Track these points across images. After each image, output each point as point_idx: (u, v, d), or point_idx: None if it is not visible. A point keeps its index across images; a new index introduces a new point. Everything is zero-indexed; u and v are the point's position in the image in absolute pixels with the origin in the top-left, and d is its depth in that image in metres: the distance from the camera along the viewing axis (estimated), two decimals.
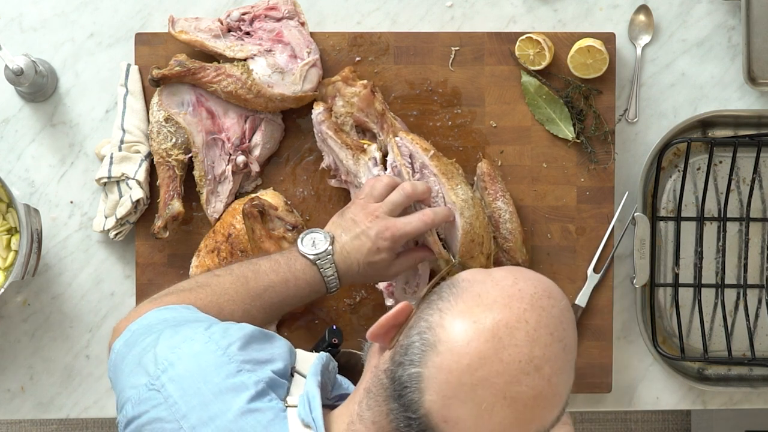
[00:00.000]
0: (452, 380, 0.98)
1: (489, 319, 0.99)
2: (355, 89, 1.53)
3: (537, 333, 0.99)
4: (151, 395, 1.11)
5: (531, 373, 0.98)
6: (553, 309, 1.02)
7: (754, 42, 1.60)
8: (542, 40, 1.56)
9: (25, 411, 1.62)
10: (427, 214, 1.39)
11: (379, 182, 1.42)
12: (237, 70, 1.52)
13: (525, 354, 0.98)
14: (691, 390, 1.63)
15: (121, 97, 1.59)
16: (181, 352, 1.12)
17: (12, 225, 1.54)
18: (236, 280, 1.34)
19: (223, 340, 1.13)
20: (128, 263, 1.62)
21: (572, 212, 1.60)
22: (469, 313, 1.00)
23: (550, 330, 1.00)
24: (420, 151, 1.49)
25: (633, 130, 1.63)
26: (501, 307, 1.00)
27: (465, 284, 1.04)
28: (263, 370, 1.11)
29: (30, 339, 1.62)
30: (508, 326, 0.99)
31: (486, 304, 1.01)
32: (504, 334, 0.98)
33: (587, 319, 1.60)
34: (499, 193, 1.55)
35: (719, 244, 1.63)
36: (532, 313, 1.00)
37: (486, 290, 1.02)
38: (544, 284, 1.05)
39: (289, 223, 1.53)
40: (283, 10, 1.57)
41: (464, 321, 1.00)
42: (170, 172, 1.54)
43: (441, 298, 1.04)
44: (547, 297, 1.03)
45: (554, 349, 1.00)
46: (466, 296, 1.02)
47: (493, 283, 1.03)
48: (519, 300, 1.01)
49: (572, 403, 1.63)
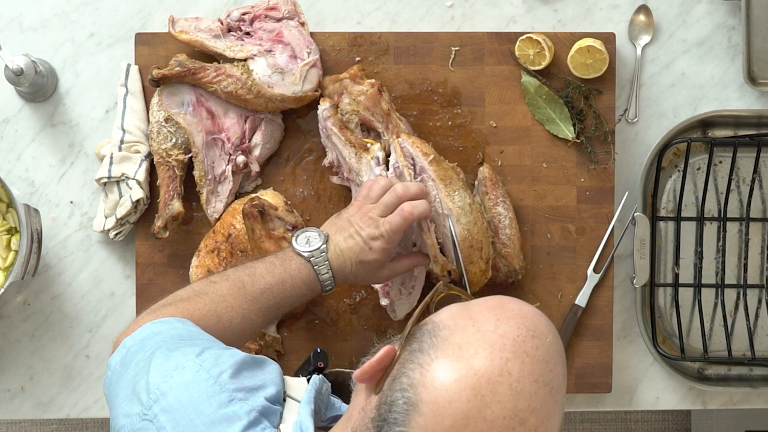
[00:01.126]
0: None
1: (470, 375, 0.97)
2: (362, 87, 1.53)
3: (521, 384, 0.97)
4: (144, 425, 1.11)
5: (516, 428, 0.97)
6: (538, 351, 1.00)
7: (754, 42, 1.60)
8: (542, 40, 1.56)
9: (25, 411, 1.62)
10: (404, 208, 1.38)
11: (376, 184, 1.42)
12: (237, 70, 1.52)
13: (509, 409, 0.97)
14: (691, 390, 1.63)
15: (121, 97, 1.59)
16: (172, 381, 1.12)
17: (12, 225, 1.54)
18: (233, 285, 1.34)
19: (215, 368, 1.13)
20: (128, 263, 1.62)
21: (572, 212, 1.60)
22: (449, 369, 0.98)
23: (535, 377, 0.99)
24: (420, 155, 1.49)
25: (633, 130, 1.63)
26: (482, 360, 0.98)
27: (445, 333, 1.02)
28: (255, 398, 1.11)
29: (30, 339, 1.62)
30: (490, 381, 0.97)
31: (466, 357, 0.98)
32: (486, 391, 0.96)
33: (587, 319, 1.60)
34: (500, 198, 1.55)
35: (719, 244, 1.63)
36: (515, 362, 0.98)
37: (467, 340, 1.00)
38: (528, 322, 1.02)
39: (289, 223, 1.53)
40: (283, 10, 1.57)
41: (445, 379, 0.98)
42: (170, 172, 1.54)
43: (422, 350, 1.01)
44: (531, 338, 1.00)
45: (539, 396, 0.98)
46: (446, 348, 1.00)
47: (474, 328, 1.01)
48: (500, 349, 0.99)
49: (572, 403, 1.63)
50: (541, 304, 1.59)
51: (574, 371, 1.60)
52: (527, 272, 1.59)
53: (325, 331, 1.58)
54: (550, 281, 1.60)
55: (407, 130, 1.54)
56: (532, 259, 1.59)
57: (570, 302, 1.59)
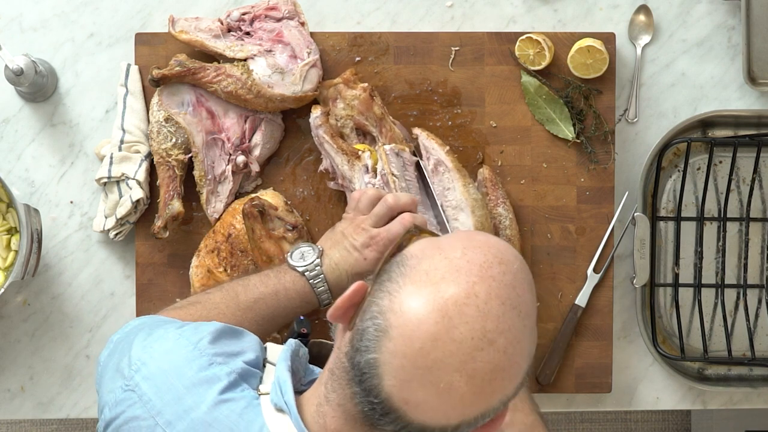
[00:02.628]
0: (407, 365, 0.98)
1: (437, 299, 0.98)
2: (356, 92, 1.53)
3: (488, 306, 0.99)
4: (126, 396, 1.13)
5: (485, 348, 0.98)
6: (505, 276, 1.01)
7: (754, 42, 1.60)
8: (542, 40, 1.56)
9: (25, 411, 1.62)
10: (405, 218, 1.39)
11: (363, 196, 1.43)
12: (237, 70, 1.52)
13: (477, 330, 0.98)
14: (691, 390, 1.63)
15: (121, 97, 1.59)
16: (153, 351, 1.14)
17: (12, 225, 1.54)
18: (226, 294, 1.37)
19: (194, 336, 1.15)
20: (128, 263, 1.62)
21: (572, 212, 1.60)
22: (417, 294, 1.00)
23: (502, 300, 1.00)
24: (437, 147, 1.51)
25: (633, 130, 1.63)
26: (449, 284, 0.99)
27: (413, 261, 1.03)
28: (235, 362, 1.13)
29: (30, 339, 1.62)
30: (458, 303, 0.98)
31: (433, 282, 1.00)
32: (454, 313, 0.98)
33: (587, 319, 1.60)
34: (500, 199, 1.55)
35: (719, 244, 1.63)
36: (482, 285, 0.99)
37: (434, 266, 1.01)
38: (495, 249, 1.04)
39: (289, 223, 1.53)
40: (283, 10, 1.57)
41: (413, 303, 0.99)
42: (170, 172, 1.54)
43: (390, 278, 1.03)
44: (498, 264, 1.02)
45: (508, 318, 0.99)
46: (414, 275, 1.01)
47: (441, 256, 1.02)
48: (467, 273, 1.00)
49: (572, 403, 1.63)
50: (541, 304, 1.59)
51: (574, 371, 1.60)
52: None
53: (325, 331, 1.58)
54: (550, 281, 1.60)
55: (401, 135, 1.54)
56: (532, 259, 1.59)
57: (570, 302, 1.59)
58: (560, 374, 1.60)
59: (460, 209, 1.49)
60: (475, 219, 1.48)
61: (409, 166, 1.52)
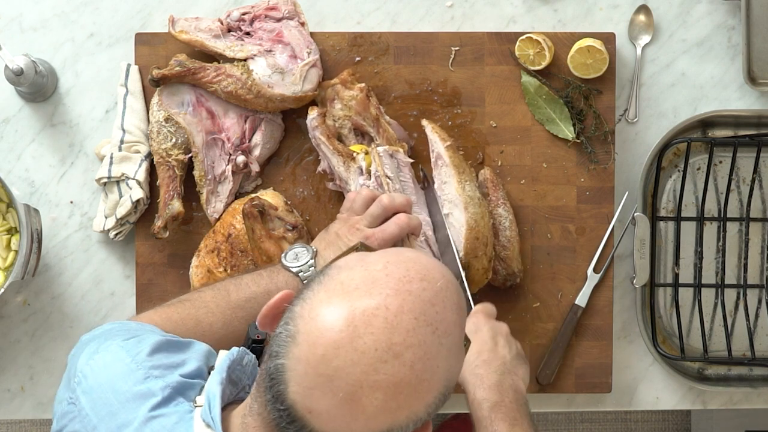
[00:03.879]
0: (310, 371, 0.97)
1: (346, 308, 0.97)
2: (353, 92, 1.53)
3: (398, 319, 0.97)
4: (69, 409, 1.13)
5: (389, 360, 0.96)
6: (424, 292, 0.99)
7: (754, 42, 1.60)
8: (542, 40, 1.56)
9: (25, 411, 1.62)
10: (401, 218, 1.39)
11: (358, 196, 1.43)
12: (237, 70, 1.53)
13: (382, 341, 0.96)
14: (691, 390, 1.63)
15: (121, 97, 1.59)
16: (94, 364, 1.14)
17: (12, 225, 1.54)
18: (217, 293, 1.36)
19: (135, 349, 1.14)
20: (128, 263, 1.62)
21: (572, 212, 1.60)
22: (327, 302, 0.98)
23: (415, 315, 0.97)
24: (438, 140, 1.51)
25: (633, 130, 1.63)
26: (361, 294, 0.98)
27: (334, 271, 1.02)
28: (172, 375, 1.12)
29: (30, 339, 1.62)
30: (366, 313, 0.96)
31: (347, 291, 0.98)
32: (360, 322, 0.96)
33: (587, 319, 1.60)
34: (501, 200, 1.55)
35: (719, 244, 1.63)
36: (396, 298, 0.97)
37: (351, 276, 1.00)
38: (419, 265, 1.01)
39: (289, 223, 1.53)
40: (283, 10, 1.57)
41: (322, 311, 0.98)
42: (170, 172, 1.54)
43: (309, 287, 1.02)
44: (420, 279, 0.99)
45: (419, 334, 0.97)
46: (329, 284, 1.00)
47: (362, 268, 1.01)
48: (383, 285, 0.98)
49: (572, 403, 1.63)
50: (541, 304, 1.59)
51: (574, 371, 1.60)
52: (527, 272, 1.59)
53: None
54: (550, 281, 1.60)
55: (397, 135, 1.54)
56: (532, 259, 1.59)
57: (570, 302, 1.59)
58: (560, 374, 1.60)
59: (454, 204, 1.49)
60: (467, 215, 1.48)
61: (404, 167, 1.52)
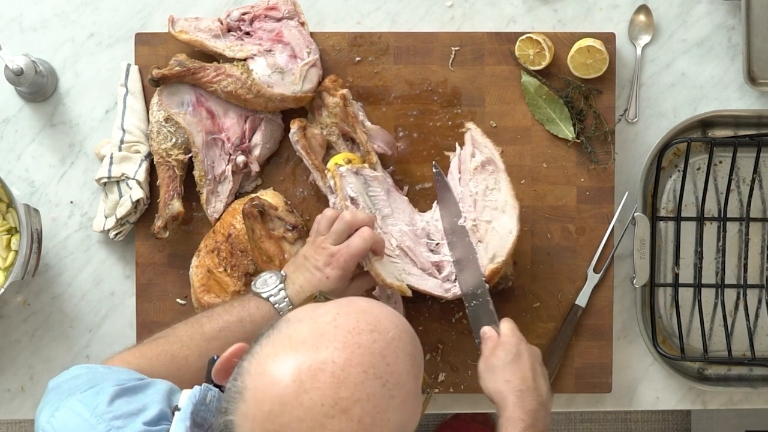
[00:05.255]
0: (257, 428, 0.96)
1: (292, 362, 0.96)
2: (336, 99, 1.53)
3: (345, 373, 0.95)
4: None
5: (336, 416, 0.94)
6: (374, 344, 0.97)
7: (754, 42, 1.60)
8: (542, 40, 1.56)
9: (25, 411, 1.62)
10: (365, 231, 1.38)
11: (323, 218, 1.42)
12: (237, 70, 1.53)
13: (329, 396, 0.94)
14: (691, 390, 1.63)
15: (121, 97, 1.59)
16: (55, 422, 1.13)
17: (12, 225, 1.54)
18: (190, 327, 1.35)
19: (93, 401, 1.13)
20: (128, 263, 1.62)
21: (572, 212, 1.60)
22: (274, 357, 0.97)
23: (364, 368, 0.96)
24: (491, 146, 1.49)
25: (633, 130, 1.63)
26: (308, 348, 0.96)
27: (283, 325, 1.01)
28: (134, 424, 1.10)
29: (30, 339, 1.62)
30: (311, 368, 0.95)
31: (293, 345, 0.97)
32: (306, 377, 0.95)
33: (587, 319, 1.60)
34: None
35: (719, 244, 1.63)
36: (343, 351, 0.96)
37: (299, 330, 0.99)
38: (370, 316, 1.00)
39: (289, 223, 1.53)
40: (283, 10, 1.57)
41: (268, 366, 0.97)
42: (170, 172, 1.54)
43: (258, 341, 1.01)
44: (369, 331, 0.98)
45: (368, 387, 0.95)
46: (278, 338, 0.99)
47: (311, 320, 0.99)
48: (330, 338, 0.97)
49: (572, 403, 1.63)
50: (541, 304, 1.59)
51: (574, 371, 1.60)
52: (527, 272, 1.59)
53: None
54: (550, 281, 1.60)
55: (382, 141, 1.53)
56: (532, 259, 1.59)
57: (570, 302, 1.59)
58: (560, 374, 1.60)
59: (501, 211, 1.47)
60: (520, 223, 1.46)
61: (372, 181, 1.49)
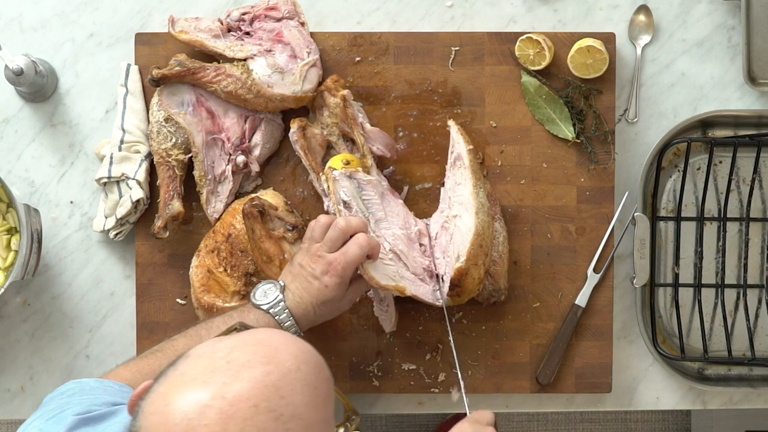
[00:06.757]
0: None
1: (181, 400, 0.93)
2: (336, 100, 1.53)
3: (233, 408, 0.92)
4: None
5: None
6: (268, 377, 0.94)
7: (754, 42, 1.60)
8: (542, 40, 1.56)
9: (25, 411, 1.62)
10: (360, 238, 1.38)
11: (317, 224, 1.42)
12: (237, 70, 1.52)
13: None
14: (691, 390, 1.63)
15: (121, 97, 1.59)
16: None
17: (12, 225, 1.54)
18: (189, 339, 1.35)
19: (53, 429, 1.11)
20: (128, 263, 1.62)
21: (572, 212, 1.60)
22: (164, 395, 0.95)
23: (255, 402, 0.93)
24: (461, 142, 1.52)
25: (633, 130, 1.63)
26: (198, 385, 0.94)
27: (181, 362, 0.99)
28: None
29: (30, 339, 1.62)
30: (200, 404, 0.92)
31: (185, 383, 0.95)
32: (194, 414, 0.92)
33: (587, 319, 1.60)
34: (497, 214, 1.55)
35: (719, 244, 1.63)
36: (233, 386, 0.93)
37: (193, 366, 0.96)
38: (267, 348, 0.97)
39: (289, 223, 1.53)
40: (283, 10, 1.57)
41: (160, 405, 0.94)
42: (170, 172, 1.54)
43: (157, 380, 0.99)
44: (264, 364, 0.95)
45: (259, 422, 0.92)
46: (172, 376, 0.97)
47: (207, 356, 0.97)
48: (222, 373, 0.94)
49: (572, 403, 1.63)
50: (541, 304, 1.59)
51: (574, 371, 1.60)
52: (527, 272, 1.59)
53: (325, 331, 1.58)
54: (550, 281, 1.60)
55: (381, 143, 1.54)
56: (532, 259, 1.59)
57: (570, 302, 1.59)
58: (560, 374, 1.60)
59: (465, 208, 1.49)
60: (477, 221, 1.48)
61: (366, 185, 1.49)
